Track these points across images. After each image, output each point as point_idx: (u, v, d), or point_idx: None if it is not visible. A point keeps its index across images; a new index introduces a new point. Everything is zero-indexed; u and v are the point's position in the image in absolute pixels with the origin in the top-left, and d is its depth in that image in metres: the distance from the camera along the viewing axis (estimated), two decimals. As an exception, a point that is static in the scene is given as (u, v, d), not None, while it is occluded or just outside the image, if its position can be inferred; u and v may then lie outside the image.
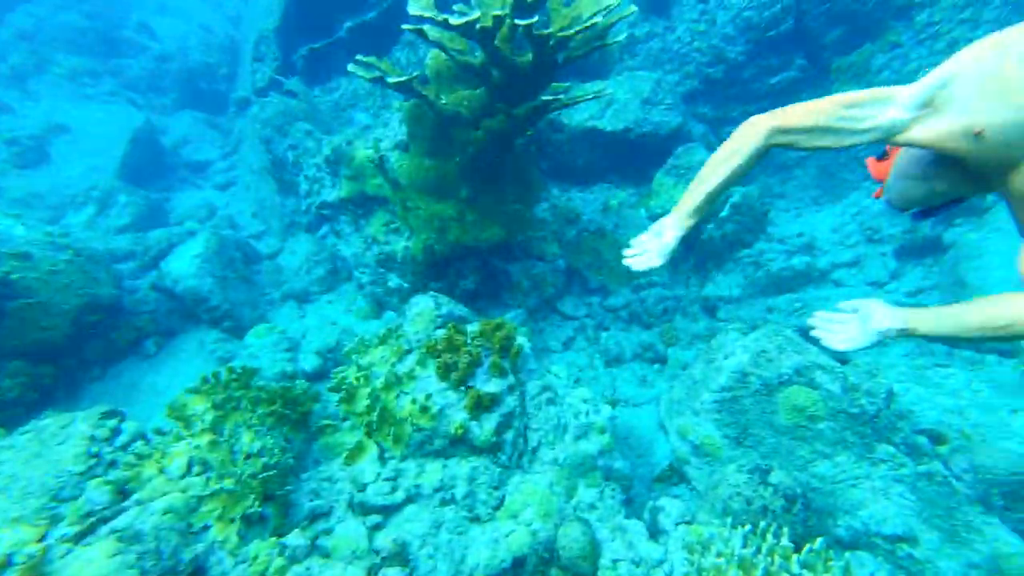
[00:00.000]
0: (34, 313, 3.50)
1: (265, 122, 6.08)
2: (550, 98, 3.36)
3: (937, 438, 3.39)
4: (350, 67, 3.73)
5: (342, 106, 6.10)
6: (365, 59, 4.04)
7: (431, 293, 4.03)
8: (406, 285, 4.83)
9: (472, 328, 3.50)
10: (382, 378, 2.94)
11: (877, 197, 1.77)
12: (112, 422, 2.76)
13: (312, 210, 5.16)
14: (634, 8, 3.54)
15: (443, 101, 3.94)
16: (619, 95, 5.73)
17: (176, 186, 9.08)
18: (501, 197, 4.39)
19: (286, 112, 5.62)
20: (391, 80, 3.48)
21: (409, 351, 3.35)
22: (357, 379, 2.98)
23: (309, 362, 4.14)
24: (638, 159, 5.90)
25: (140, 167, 8.34)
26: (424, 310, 3.76)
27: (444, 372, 3.07)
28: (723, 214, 5.35)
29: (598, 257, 5.50)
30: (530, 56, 3.51)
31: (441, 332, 3.66)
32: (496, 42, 3.51)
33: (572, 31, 3.15)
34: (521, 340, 3.75)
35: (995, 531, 3.11)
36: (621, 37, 3.44)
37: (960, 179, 1.37)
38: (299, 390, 3.06)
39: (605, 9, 3.25)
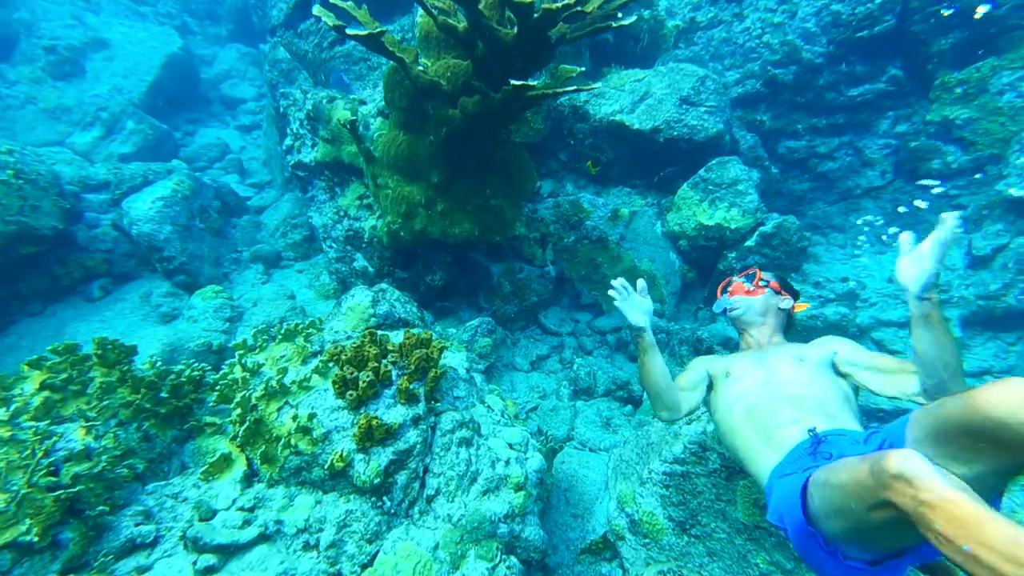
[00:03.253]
0: (-56, 236, 3.30)
1: (273, 64, 5.69)
2: (519, 84, 2.74)
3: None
4: (315, 9, 3.22)
5: (355, 59, 5.61)
6: (343, 4, 3.52)
7: (376, 287, 3.58)
8: (371, 269, 4.39)
9: (396, 338, 3.03)
10: (262, 385, 2.53)
11: (729, 296, 2.58)
12: None
13: (288, 169, 4.77)
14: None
15: (419, 68, 3.38)
16: (655, 89, 4.94)
17: (205, 120, 8.96)
18: (479, 189, 3.83)
19: (293, 56, 5.19)
20: (350, 32, 2.95)
21: (318, 353, 2.93)
22: (236, 381, 2.58)
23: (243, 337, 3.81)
24: (667, 164, 5.13)
25: (170, 95, 8.22)
26: (358, 305, 3.32)
27: (341, 388, 2.62)
28: (749, 244, 4.56)
29: (595, 270, 4.85)
30: (515, 29, 2.88)
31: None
32: (480, 6, 2.90)
33: (558, 4, 2.49)
34: (452, 359, 3.25)
35: None
36: (627, 21, 2.73)
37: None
38: (185, 377, 2.71)
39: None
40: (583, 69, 3.90)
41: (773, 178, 5.65)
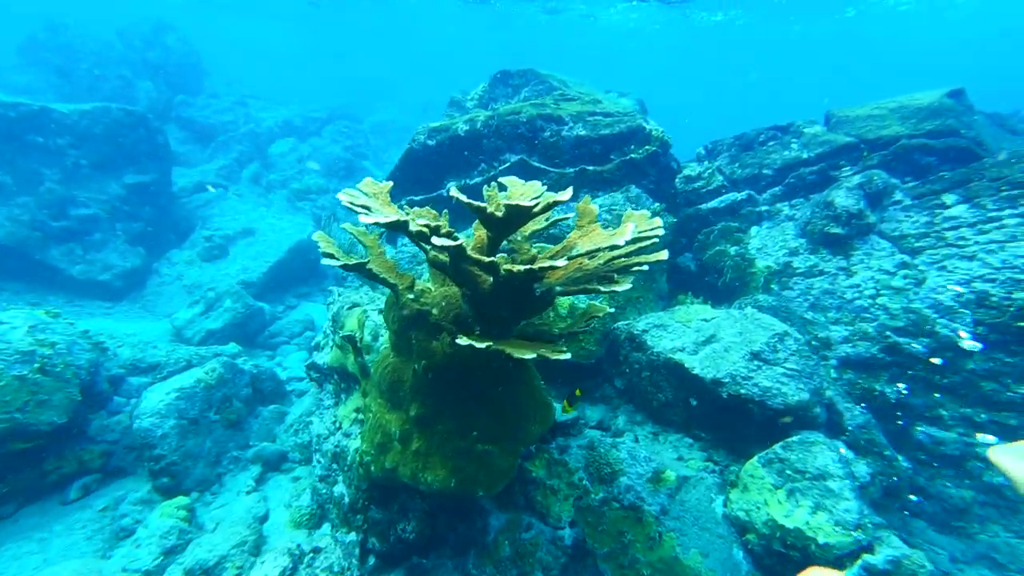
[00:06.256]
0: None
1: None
2: (465, 343, 2.22)
3: None
4: (315, 235, 3.20)
5: (419, 260, 5.81)
6: (353, 228, 3.49)
7: (309, 548, 2.88)
8: (347, 499, 3.74)
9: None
10: None
11: None
12: None
13: (304, 370, 4.62)
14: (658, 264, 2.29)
15: (410, 296, 3.12)
16: (724, 334, 4.15)
17: (313, 295, 9.93)
18: (465, 430, 3.17)
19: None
20: (326, 262, 2.80)
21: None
22: None
23: (165, 585, 3.18)
24: (738, 423, 4.06)
25: (291, 272, 9.35)
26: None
27: None
28: (851, 574, 3.07)
29: (623, 549, 3.63)
30: (492, 279, 2.50)
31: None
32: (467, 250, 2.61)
33: (519, 268, 2.06)
34: None
35: None
36: (622, 288, 2.19)
37: None
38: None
39: (600, 252, 2.11)
40: (611, 310, 3.37)
41: (899, 473, 4.09)
